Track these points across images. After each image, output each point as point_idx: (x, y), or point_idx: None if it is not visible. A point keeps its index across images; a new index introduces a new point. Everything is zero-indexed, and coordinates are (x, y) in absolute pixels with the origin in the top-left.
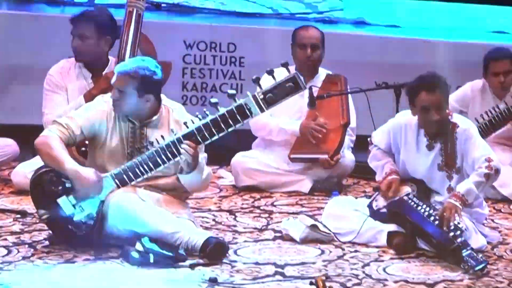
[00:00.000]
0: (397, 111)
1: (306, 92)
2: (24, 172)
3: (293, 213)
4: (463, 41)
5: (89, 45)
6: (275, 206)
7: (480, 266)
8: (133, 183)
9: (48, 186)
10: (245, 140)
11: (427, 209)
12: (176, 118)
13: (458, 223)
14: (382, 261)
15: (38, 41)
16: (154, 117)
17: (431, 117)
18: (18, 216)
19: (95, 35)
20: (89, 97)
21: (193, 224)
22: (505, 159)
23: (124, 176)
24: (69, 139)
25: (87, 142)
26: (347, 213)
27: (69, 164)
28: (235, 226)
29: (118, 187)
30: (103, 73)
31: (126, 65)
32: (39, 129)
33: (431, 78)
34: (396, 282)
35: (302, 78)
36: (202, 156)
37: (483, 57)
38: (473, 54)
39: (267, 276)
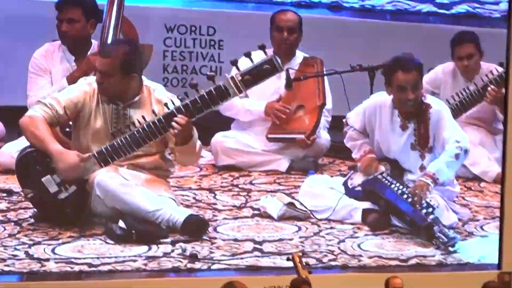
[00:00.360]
0: (372, 93)
1: (283, 74)
2: (10, 152)
3: (271, 191)
4: (436, 25)
5: (78, 28)
6: (253, 184)
7: (452, 242)
8: (115, 162)
9: (33, 166)
10: (224, 121)
11: (400, 187)
12: (157, 97)
13: (430, 200)
14: (357, 237)
15: (22, 23)
16: (137, 98)
17: (407, 96)
18: (4, 194)
19: (82, 18)
20: (72, 79)
21: (174, 202)
22: (475, 139)
23: (107, 156)
24: (53, 119)
25: (70, 123)
26: (323, 191)
27: (53, 144)
28: (214, 204)
29: (101, 166)
30: (86, 56)
31: (109, 48)
32: (25, 110)
33: (407, 58)
34: (370, 257)
35: (279, 60)
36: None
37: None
38: (445, 37)
39: (246, 252)
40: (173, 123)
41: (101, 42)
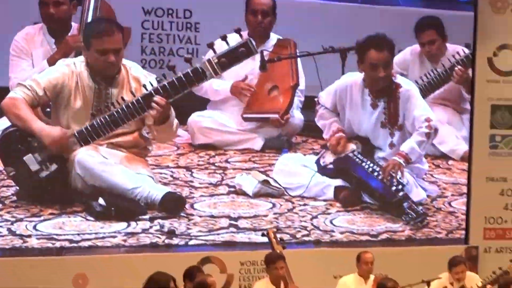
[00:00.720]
0: (343, 73)
1: (258, 56)
2: None
3: (246, 169)
4: (406, 8)
5: (64, 10)
6: (229, 162)
7: (420, 218)
8: (95, 141)
9: (15, 145)
10: (201, 101)
11: (371, 165)
12: (134, 75)
13: (400, 178)
14: (329, 213)
15: (2, 6)
16: (118, 76)
17: (378, 73)
18: None
19: (67, 0)
20: (52, 61)
21: (152, 180)
22: (443, 118)
23: (87, 135)
24: (33, 100)
25: (51, 103)
26: (297, 169)
27: (36, 123)
28: (191, 181)
29: (81, 145)
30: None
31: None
32: (6, 91)
33: (381, 37)
34: (342, 233)
35: (254, 43)
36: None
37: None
38: (414, 20)
39: (222, 228)
40: (153, 104)
41: (80, 25)
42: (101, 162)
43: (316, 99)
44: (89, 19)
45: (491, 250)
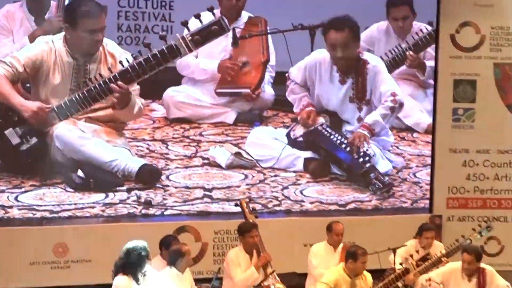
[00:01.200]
0: (312, 50)
1: (230, 33)
2: None
3: (219, 142)
4: None
5: None
6: (203, 135)
7: (386, 188)
8: (74, 116)
9: None
10: (176, 76)
11: (339, 137)
12: (110, 51)
13: (367, 149)
14: (299, 184)
15: None
16: (96, 52)
17: (336, 53)
18: None
19: None
20: (32, 38)
21: (129, 153)
22: (407, 92)
23: (66, 110)
24: (14, 76)
25: (30, 79)
26: (268, 142)
27: (16, 98)
28: (167, 154)
29: (60, 120)
30: (45, 17)
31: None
32: None
33: (341, 18)
34: (312, 203)
35: (226, 21)
36: (135, 94)
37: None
38: None
39: (197, 198)
40: (113, 87)
41: (59, 2)
42: (79, 136)
43: (286, 75)
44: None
45: (454, 219)
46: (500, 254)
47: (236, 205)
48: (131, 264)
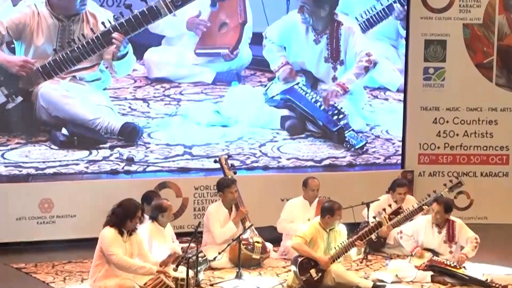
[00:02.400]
0: (288, 11)
1: None
2: None
3: (198, 101)
4: None
5: None
6: (182, 94)
7: (360, 145)
8: (58, 75)
9: None
10: (156, 38)
11: (315, 96)
12: (91, 11)
13: (341, 108)
14: (277, 141)
15: None
16: (80, 13)
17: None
18: None
19: None
20: (15, 1)
21: (112, 111)
22: (381, 52)
23: (50, 70)
24: None
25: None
26: (246, 100)
27: (0, 55)
28: (148, 112)
29: (45, 79)
30: None
31: None
32: None
33: None
34: (288, 159)
35: None
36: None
37: None
38: None
39: (177, 155)
40: (113, 40)
41: None
42: (63, 95)
43: (263, 34)
44: None
45: (425, 174)
46: (470, 208)
47: (215, 161)
48: (117, 216)
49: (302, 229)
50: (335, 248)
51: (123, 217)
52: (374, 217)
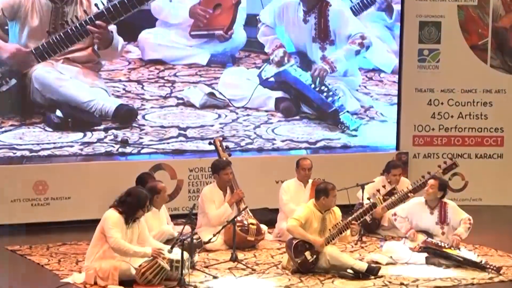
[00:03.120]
0: None
1: None
2: None
3: (193, 83)
4: None
5: None
6: (177, 76)
7: (355, 126)
8: (52, 57)
9: None
10: (150, 19)
11: (309, 77)
12: None
13: (336, 89)
14: (271, 123)
15: None
16: None
17: None
18: None
19: None
20: None
21: (106, 93)
22: (375, 34)
23: (44, 52)
24: None
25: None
26: (240, 82)
27: None
28: (142, 94)
29: (38, 61)
30: None
31: None
32: None
33: None
34: (283, 141)
35: None
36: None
37: None
38: None
39: (172, 137)
40: (92, 28)
41: None
42: (57, 77)
43: (257, 17)
44: None
45: (420, 156)
46: (464, 190)
47: (210, 143)
48: (125, 203)
49: (297, 211)
50: (329, 230)
51: (134, 207)
52: (369, 199)
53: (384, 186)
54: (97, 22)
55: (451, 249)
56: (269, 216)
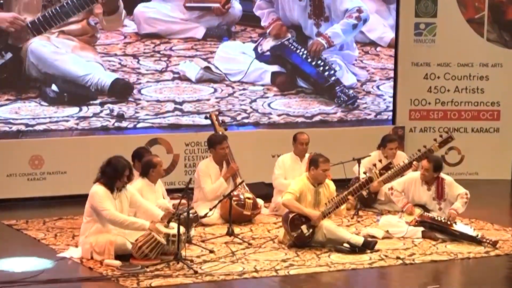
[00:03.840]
0: None
1: None
2: None
3: (189, 57)
4: None
5: None
6: (173, 50)
7: (351, 101)
8: (47, 31)
9: None
10: None
11: (305, 52)
12: None
13: (332, 63)
14: (267, 97)
15: None
16: None
17: None
18: None
19: None
20: None
21: (102, 67)
22: (371, 8)
23: (39, 26)
24: None
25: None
26: (236, 56)
27: None
28: (138, 68)
29: (34, 35)
30: None
31: None
32: None
33: None
34: (279, 115)
35: None
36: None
37: None
38: None
39: (168, 112)
40: None
41: None
42: (53, 51)
43: None
44: None
45: (416, 130)
46: (461, 164)
47: (206, 118)
48: (107, 176)
49: (291, 184)
50: (326, 204)
51: (112, 177)
52: (365, 173)
53: (380, 161)
54: None
55: (447, 223)
56: (265, 190)
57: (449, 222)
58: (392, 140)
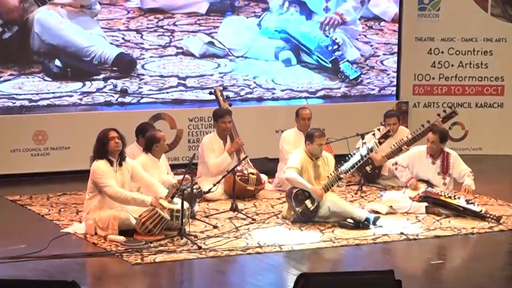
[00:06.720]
0: None
1: None
2: None
3: (192, 32)
4: None
5: None
6: (176, 25)
7: (355, 76)
8: (51, 2)
9: None
10: None
11: (309, 27)
12: None
13: (336, 38)
14: (271, 72)
15: None
16: None
17: None
18: None
19: None
20: None
21: (105, 40)
22: None
23: None
24: None
25: None
26: (240, 31)
27: None
28: (142, 43)
29: (39, 5)
30: None
31: None
32: None
33: None
34: (283, 90)
35: None
36: None
37: None
38: None
39: (171, 87)
40: None
41: None
42: (58, 21)
43: None
44: None
45: (420, 105)
46: (464, 139)
47: (210, 93)
48: (95, 149)
49: (290, 159)
50: (328, 177)
51: (99, 148)
52: (364, 143)
53: (378, 129)
54: None
55: (451, 198)
56: (269, 166)
57: (463, 196)
58: (391, 115)
